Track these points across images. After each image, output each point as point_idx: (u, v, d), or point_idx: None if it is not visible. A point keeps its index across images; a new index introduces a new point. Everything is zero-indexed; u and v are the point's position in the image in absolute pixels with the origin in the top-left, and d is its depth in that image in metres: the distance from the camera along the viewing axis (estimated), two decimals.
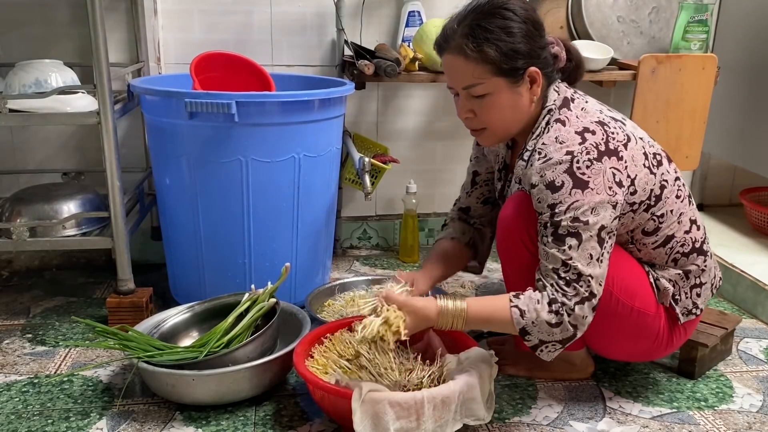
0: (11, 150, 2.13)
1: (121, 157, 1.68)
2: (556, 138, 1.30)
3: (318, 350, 1.48)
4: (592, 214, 1.26)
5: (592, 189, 1.26)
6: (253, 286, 1.61)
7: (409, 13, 2.15)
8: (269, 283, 1.59)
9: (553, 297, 1.27)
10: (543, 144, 1.31)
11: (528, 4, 1.35)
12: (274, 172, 1.73)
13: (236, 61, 1.97)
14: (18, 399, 1.47)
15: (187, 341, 1.62)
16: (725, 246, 2.22)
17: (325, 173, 1.88)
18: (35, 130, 2.12)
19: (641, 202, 1.35)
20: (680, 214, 1.40)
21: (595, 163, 1.27)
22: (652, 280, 1.42)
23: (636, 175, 1.33)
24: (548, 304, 1.27)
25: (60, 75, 1.73)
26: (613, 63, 2.19)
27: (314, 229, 1.89)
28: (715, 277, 1.50)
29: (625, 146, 1.32)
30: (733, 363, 1.69)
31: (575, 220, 1.26)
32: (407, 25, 2.15)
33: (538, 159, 1.30)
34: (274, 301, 1.56)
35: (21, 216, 1.77)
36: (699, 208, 1.50)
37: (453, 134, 2.36)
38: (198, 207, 1.75)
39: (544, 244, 1.29)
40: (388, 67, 1.92)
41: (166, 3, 2.08)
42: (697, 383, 1.60)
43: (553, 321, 1.27)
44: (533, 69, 1.32)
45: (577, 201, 1.25)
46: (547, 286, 1.28)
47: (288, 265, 1.57)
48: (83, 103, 1.72)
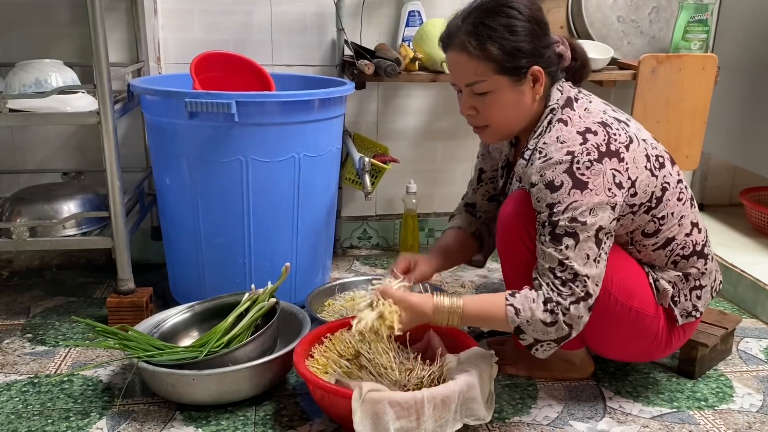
0: (11, 150, 2.13)
1: (121, 156, 1.68)
2: (558, 138, 1.30)
3: (318, 350, 1.48)
4: (591, 214, 1.26)
5: (591, 190, 1.26)
6: (253, 286, 1.60)
7: (409, 12, 2.15)
8: (269, 283, 1.59)
9: (549, 296, 1.27)
10: (544, 143, 1.31)
11: (534, 3, 1.34)
12: (274, 172, 1.73)
13: (236, 61, 1.97)
14: (18, 399, 1.47)
15: (187, 341, 1.62)
16: (725, 246, 2.22)
17: (325, 173, 1.88)
18: (35, 129, 2.12)
19: (641, 204, 1.35)
20: (681, 217, 1.40)
21: (595, 164, 1.27)
22: (651, 281, 1.42)
23: (637, 177, 1.32)
24: (543, 303, 1.27)
25: (60, 75, 1.73)
26: (613, 63, 2.19)
27: (314, 229, 1.89)
28: (716, 281, 1.50)
29: (627, 148, 1.31)
30: (733, 363, 1.69)
31: (573, 220, 1.26)
32: (407, 25, 2.15)
33: (539, 158, 1.30)
34: (274, 300, 1.56)
35: (21, 216, 1.77)
36: (699, 208, 1.50)
37: (453, 134, 2.36)
38: (198, 207, 1.75)
39: (542, 243, 1.29)
40: (388, 67, 1.92)
41: (166, 3, 2.08)
42: (697, 383, 1.60)
43: (548, 320, 1.27)
44: (536, 68, 1.33)
45: (576, 201, 1.25)
46: (543, 285, 1.29)
47: (288, 264, 1.57)
48: (83, 102, 1.72)
